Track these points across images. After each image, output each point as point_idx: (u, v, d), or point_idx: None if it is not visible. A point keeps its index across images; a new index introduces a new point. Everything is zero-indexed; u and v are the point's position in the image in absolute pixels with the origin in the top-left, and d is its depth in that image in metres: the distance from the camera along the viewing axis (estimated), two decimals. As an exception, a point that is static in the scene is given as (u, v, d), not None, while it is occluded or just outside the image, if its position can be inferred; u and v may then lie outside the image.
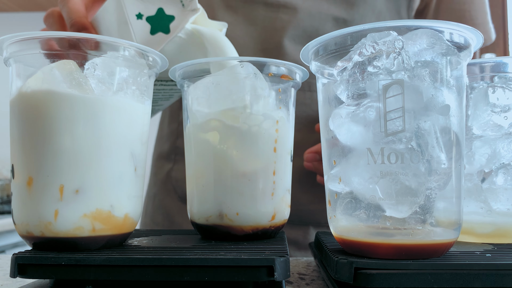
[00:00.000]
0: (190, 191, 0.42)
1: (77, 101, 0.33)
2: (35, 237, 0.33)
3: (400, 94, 0.29)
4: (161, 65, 0.39)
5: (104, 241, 0.34)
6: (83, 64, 0.34)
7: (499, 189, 0.39)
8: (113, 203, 0.34)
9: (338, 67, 0.32)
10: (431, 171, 0.29)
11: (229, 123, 0.39)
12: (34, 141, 0.33)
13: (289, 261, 0.30)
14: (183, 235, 0.42)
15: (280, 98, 0.41)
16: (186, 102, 0.42)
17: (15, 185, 0.34)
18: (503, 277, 0.28)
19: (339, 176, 0.32)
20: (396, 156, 0.29)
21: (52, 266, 0.30)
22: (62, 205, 0.32)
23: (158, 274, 0.30)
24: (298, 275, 0.40)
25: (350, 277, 0.28)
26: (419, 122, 0.29)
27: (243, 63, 0.39)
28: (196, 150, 0.41)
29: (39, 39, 0.33)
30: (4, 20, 2.20)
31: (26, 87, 0.33)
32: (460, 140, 0.31)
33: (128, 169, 0.35)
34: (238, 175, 0.39)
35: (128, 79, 0.36)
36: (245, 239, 0.39)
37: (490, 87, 0.40)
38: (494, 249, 0.35)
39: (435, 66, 0.30)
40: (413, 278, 0.27)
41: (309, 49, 0.35)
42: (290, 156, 0.43)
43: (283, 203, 0.41)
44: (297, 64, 0.41)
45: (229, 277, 0.29)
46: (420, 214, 0.29)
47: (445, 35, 0.30)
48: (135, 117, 0.36)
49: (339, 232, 0.33)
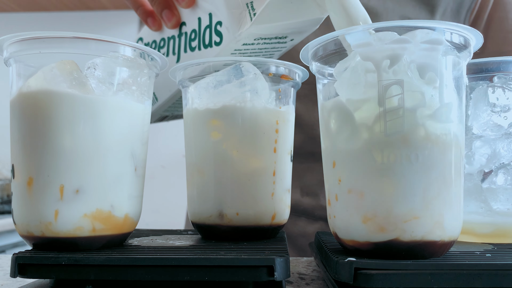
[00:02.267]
0: (190, 191, 0.42)
1: (78, 101, 0.33)
2: (35, 237, 0.33)
3: (400, 94, 0.29)
4: (161, 65, 0.39)
5: (104, 241, 0.34)
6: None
7: (499, 189, 0.39)
8: (113, 203, 0.34)
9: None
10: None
11: (229, 123, 0.39)
12: (34, 141, 0.33)
13: (289, 261, 0.30)
14: (183, 235, 0.43)
15: (280, 98, 0.41)
16: (186, 102, 0.42)
17: (15, 185, 0.34)
18: (503, 277, 0.27)
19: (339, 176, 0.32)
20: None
21: (52, 266, 0.30)
22: (62, 205, 0.32)
23: (158, 274, 0.30)
24: (298, 275, 0.40)
25: (350, 277, 0.28)
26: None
27: (243, 63, 0.39)
28: (196, 150, 0.41)
29: (39, 39, 0.33)
30: (4, 20, 2.20)
31: (27, 87, 0.33)
32: (460, 140, 0.31)
33: (128, 169, 0.35)
34: (238, 175, 0.39)
35: (129, 79, 0.36)
36: (245, 239, 0.39)
37: (490, 87, 0.40)
38: (494, 249, 0.35)
39: (435, 66, 0.30)
40: (413, 278, 0.27)
41: (309, 49, 0.35)
42: (290, 156, 0.43)
43: (283, 203, 0.41)
44: (297, 64, 0.41)
45: (229, 277, 0.29)
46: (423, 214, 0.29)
47: (444, 35, 0.30)
48: (136, 117, 0.36)
49: (339, 232, 0.33)
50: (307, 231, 0.64)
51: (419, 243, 0.29)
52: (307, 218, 0.65)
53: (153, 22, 0.50)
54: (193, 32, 0.46)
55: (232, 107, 0.39)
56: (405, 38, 0.30)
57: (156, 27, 0.51)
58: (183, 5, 0.46)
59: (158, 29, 0.51)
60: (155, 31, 0.51)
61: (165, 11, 0.48)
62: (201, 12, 0.45)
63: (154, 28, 0.51)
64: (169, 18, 0.47)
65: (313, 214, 0.63)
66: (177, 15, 0.48)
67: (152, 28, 0.51)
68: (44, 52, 0.33)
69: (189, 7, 0.46)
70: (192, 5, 0.46)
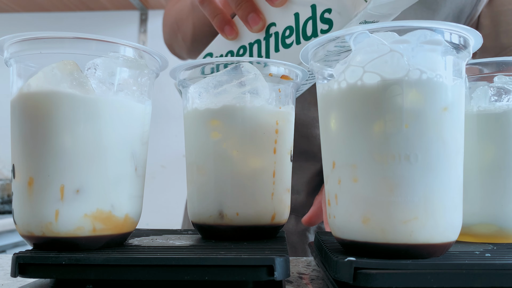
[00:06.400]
0: (190, 191, 0.42)
1: (78, 101, 0.33)
2: (35, 237, 0.33)
3: (400, 95, 0.29)
4: (162, 65, 0.39)
5: (104, 241, 0.34)
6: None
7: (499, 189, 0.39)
8: (114, 203, 0.34)
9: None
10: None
11: (229, 124, 0.39)
12: (35, 141, 0.33)
13: (289, 261, 0.30)
14: (183, 235, 0.43)
15: (280, 99, 0.41)
16: (186, 102, 0.42)
17: (16, 185, 0.34)
18: (503, 277, 0.28)
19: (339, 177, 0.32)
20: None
21: (53, 266, 0.30)
22: (62, 205, 0.32)
23: (158, 274, 0.30)
24: (298, 275, 0.40)
25: (350, 277, 0.28)
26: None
27: (243, 64, 0.39)
28: (196, 150, 0.41)
29: (40, 39, 0.33)
30: (4, 20, 2.20)
31: (27, 87, 0.33)
32: (459, 141, 0.31)
33: (128, 169, 0.35)
34: (238, 175, 0.39)
35: (129, 80, 0.36)
36: (245, 239, 0.39)
37: (490, 87, 0.40)
38: (493, 249, 0.35)
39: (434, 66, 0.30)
40: (413, 278, 0.27)
41: (308, 49, 0.35)
42: (290, 156, 0.43)
43: (283, 203, 0.41)
44: (296, 65, 0.41)
45: (229, 276, 0.30)
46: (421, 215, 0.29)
47: (444, 35, 0.30)
48: (136, 117, 0.36)
49: (339, 232, 0.33)
50: (298, 229, 0.65)
51: (418, 243, 0.29)
52: (297, 216, 0.66)
53: (230, 30, 0.50)
54: (287, 29, 0.46)
55: (232, 107, 0.39)
56: (405, 38, 0.30)
57: (234, 36, 0.50)
58: (277, 4, 0.45)
59: (235, 37, 0.50)
60: (231, 40, 0.51)
61: (252, 15, 0.47)
62: (299, 7, 0.45)
63: (231, 37, 0.50)
64: (255, 22, 0.47)
65: (303, 212, 0.63)
66: (263, 19, 0.47)
67: (229, 37, 0.50)
68: (45, 53, 0.34)
69: (282, 5, 0.46)
70: (284, 4, 0.46)
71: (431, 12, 0.57)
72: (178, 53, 0.74)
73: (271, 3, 0.46)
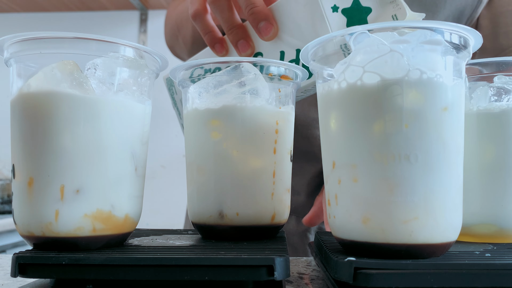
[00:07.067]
0: (190, 191, 0.42)
1: (78, 101, 0.33)
2: (35, 237, 0.33)
3: (400, 95, 0.29)
4: (162, 65, 0.39)
5: (104, 241, 0.34)
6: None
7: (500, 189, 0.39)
8: (114, 203, 0.34)
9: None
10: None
11: (229, 124, 0.39)
12: (35, 141, 0.33)
13: (289, 261, 0.30)
14: (183, 235, 0.43)
15: (280, 99, 0.41)
16: (186, 102, 0.42)
17: (16, 185, 0.34)
18: (503, 277, 0.28)
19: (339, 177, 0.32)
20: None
21: (53, 266, 0.30)
22: (62, 205, 0.32)
23: (158, 274, 0.30)
24: (297, 275, 0.40)
25: (350, 277, 0.28)
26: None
27: (243, 64, 0.39)
28: (196, 150, 0.41)
29: (40, 39, 0.33)
30: (4, 20, 2.20)
31: (27, 87, 0.33)
32: (459, 141, 0.31)
33: (128, 169, 0.35)
34: (238, 175, 0.39)
35: (129, 80, 0.36)
36: (245, 239, 0.39)
37: (490, 87, 0.40)
38: (493, 249, 0.35)
39: (434, 66, 0.30)
40: (412, 278, 0.28)
41: (308, 49, 0.35)
42: (290, 156, 0.43)
43: (283, 203, 0.41)
44: (296, 65, 0.41)
45: (229, 276, 0.30)
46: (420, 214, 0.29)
47: (444, 35, 0.30)
48: (136, 117, 0.36)
49: (339, 232, 0.33)
50: (298, 230, 0.65)
51: (418, 243, 0.29)
52: (297, 217, 0.66)
53: (220, 48, 0.50)
54: None
55: (232, 107, 0.39)
56: (405, 38, 0.30)
57: (224, 53, 0.50)
58: (266, 39, 0.46)
59: (225, 55, 0.51)
60: (221, 57, 0.51)
61: (241, 41, 0.47)
62: (285, 47, 0.45)
63: (220, 54, 0.50)
64: (245, 49, 0.47)
65: (303, 213, 0.63)
66: (252, 46, 0.48)
67: (219, 54, 0.50)
68: (45, 53, 0.34)
69: (271, 40, 0.46)
70: (273, 39, 0.46)
71: (430, 14, 0.57)
72: (180, 54, 0.74)
73: (260, 36, 0.46)
